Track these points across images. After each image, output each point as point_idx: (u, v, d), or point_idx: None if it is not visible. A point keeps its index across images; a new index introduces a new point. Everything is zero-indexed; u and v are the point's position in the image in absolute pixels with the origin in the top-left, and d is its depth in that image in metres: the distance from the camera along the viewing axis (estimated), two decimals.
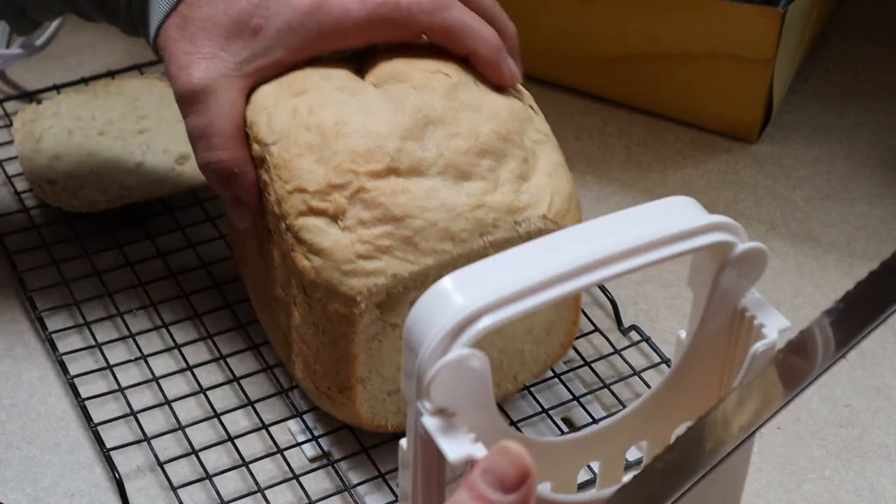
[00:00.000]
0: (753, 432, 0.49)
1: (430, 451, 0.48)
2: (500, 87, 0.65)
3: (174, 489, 0.66)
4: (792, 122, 0.93)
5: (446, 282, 0.48)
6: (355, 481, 0.67)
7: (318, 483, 0.67)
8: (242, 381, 0.72)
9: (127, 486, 0.66)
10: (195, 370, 0.73)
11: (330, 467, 0.68)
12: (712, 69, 0.89)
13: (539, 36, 0.93)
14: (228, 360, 0.73)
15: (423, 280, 0.60)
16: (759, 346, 0.53)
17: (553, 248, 0.50)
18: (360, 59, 0.66)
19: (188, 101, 0.64)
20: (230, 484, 0.67)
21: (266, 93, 0.64)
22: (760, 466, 0.69)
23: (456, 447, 0.46)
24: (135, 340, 0.74)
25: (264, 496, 0.66)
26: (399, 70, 0.64)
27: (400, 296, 0.61)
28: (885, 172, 0.89)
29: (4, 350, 0.75)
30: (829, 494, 0.68)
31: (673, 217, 0.52)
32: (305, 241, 0.61)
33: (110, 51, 0.98)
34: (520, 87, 0.66)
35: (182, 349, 0.74)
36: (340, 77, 0.64)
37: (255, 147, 0.64)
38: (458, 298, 0.47)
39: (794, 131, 0.92)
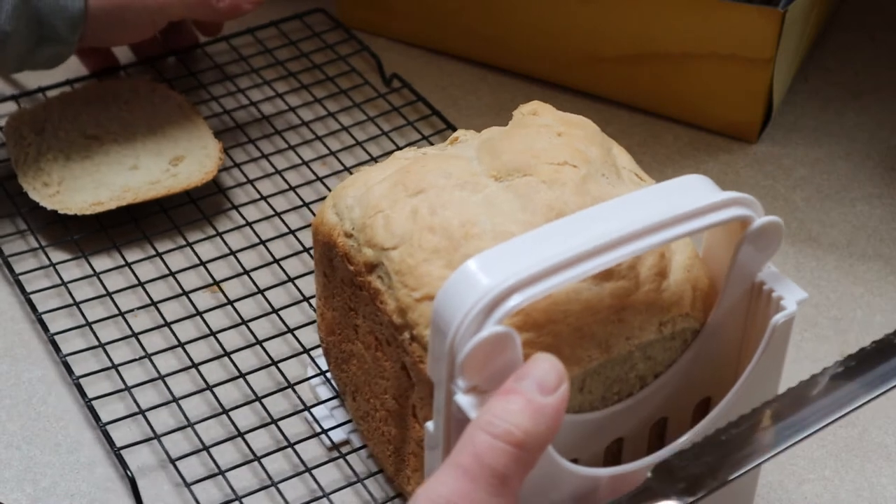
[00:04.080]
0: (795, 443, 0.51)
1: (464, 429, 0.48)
2: (620, 175, 0.60)
3: (188, 485, 0.66)
4: (792, 122, 0.93)
5: (472, 264, 0.49)
6: (364, 476, 0.67)
7: (330, 475, 0.68)
8: (248, 377, 0.72)
9: (139, 482, 0.66)
10: (200, 367, 0.73)
11: (342, 460, 0.68)
12: (712, 69, 0.89)
13: (539, 36, 0.93)
14: (233, 356, 0.73)
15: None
16: (779, 317, 0.54)
17: (576, 226, 0.51)
18: (476, 149, 0.62)
19: None
20: (243, 479, 0.67)
21: (379, 193, 0.59)
22: (760, 466, 0.68)
23: None
24: (138, 340, 0.74)
25: (278, 490, 0.66)
26: (523, 162, 0.59)
27: None
28: (885, 172, 0.89)
29: (4, 350, 0.75)
30: (829, 494, 0.67)
31: (691, 194, 0.53)
32: None
33: None
34: (644, 175, 0.62)
35: (185, 346, 0.74)
36: (459, 172, 0.59)
37: (367, 252, 0.59)
38: (486, 279, 0.48)
39: (794, 131, 0.92)
